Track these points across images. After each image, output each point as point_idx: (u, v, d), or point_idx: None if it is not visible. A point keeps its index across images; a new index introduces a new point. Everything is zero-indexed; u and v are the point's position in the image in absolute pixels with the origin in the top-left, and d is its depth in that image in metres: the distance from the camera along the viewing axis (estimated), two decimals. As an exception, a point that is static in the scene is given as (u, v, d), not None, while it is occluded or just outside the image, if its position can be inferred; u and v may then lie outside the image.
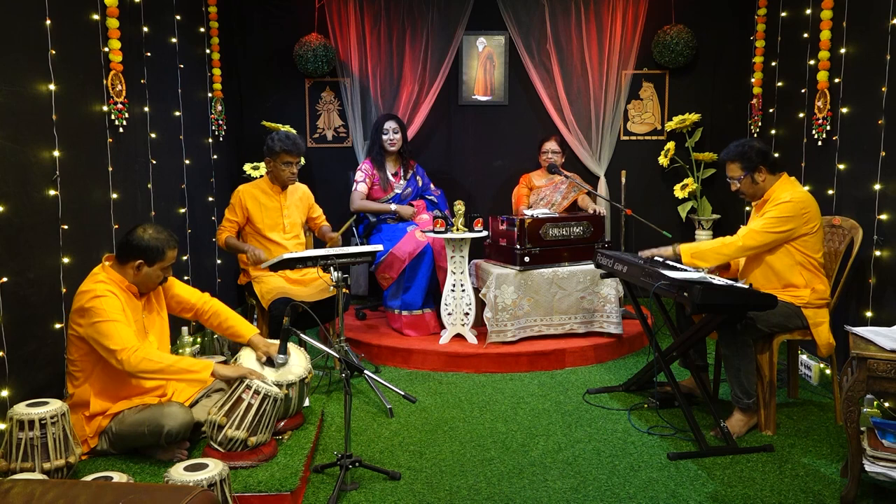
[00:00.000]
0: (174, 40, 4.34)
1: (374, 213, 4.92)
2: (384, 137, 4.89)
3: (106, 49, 3.48)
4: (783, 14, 4.59)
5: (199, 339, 4.17)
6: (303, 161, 4.32)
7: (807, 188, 3.79)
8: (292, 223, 4.24)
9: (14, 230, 2.82)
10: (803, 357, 4.09)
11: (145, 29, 3.92)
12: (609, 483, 2.88)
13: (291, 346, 3.23)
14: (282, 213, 4.19)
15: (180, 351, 3.89)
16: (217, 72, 4.95)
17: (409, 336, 4.61)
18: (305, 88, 5.56)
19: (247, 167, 5.18)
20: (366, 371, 2.99)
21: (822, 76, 4.00)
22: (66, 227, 3.13)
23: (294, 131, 5.00)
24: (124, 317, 2.81)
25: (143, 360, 2.74)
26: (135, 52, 3.80)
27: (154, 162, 4.01)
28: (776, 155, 4.67)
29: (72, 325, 2.83)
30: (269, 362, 3.14)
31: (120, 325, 2.77)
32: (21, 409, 2.55)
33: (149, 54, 3.97)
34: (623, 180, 5.25)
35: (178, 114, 4.37)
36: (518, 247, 4.38)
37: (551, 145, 5.06)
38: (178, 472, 2.32)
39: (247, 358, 3.14)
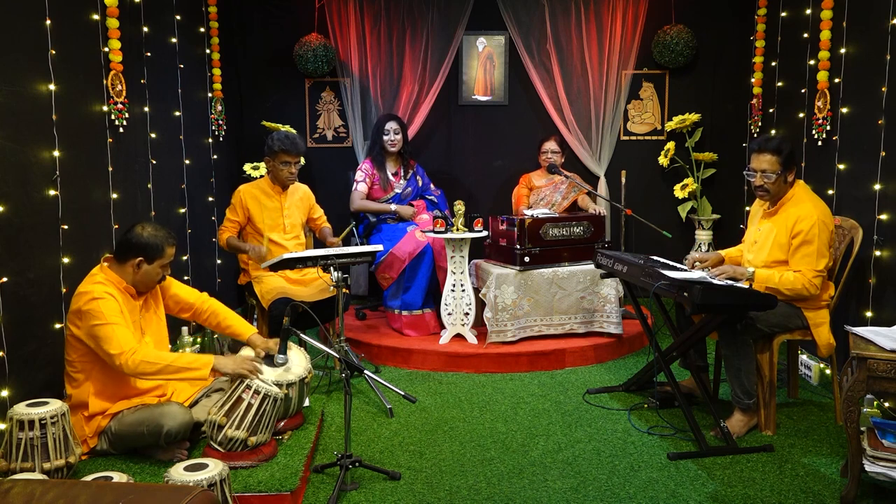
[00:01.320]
0: (174, 40, 4.34)
1: (374, 213, 4.92)
2: (385, 138, 4.89)
3: (106, 49, 3.48)
4: (783, 14, 4.59)
5: (199, 339, 4.17)
6: (303, 161, 4.32)
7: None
8: (293, 223, 4.24)
9: (14, 230, 2.82)
10: (803, 357, 4.09)
11: (145, 29, 3.92)
12: (609, 483, 2.88)
13: (291, 346, 3.23)
14: (282, 213, 4.19)
15: (180, 351, 3.88)
16: (217, 72, 4.95)
17: (409, 336, 4.61)
18: (305, 88, 5.56)
19: (247, 167, 5.18)
20: (366, 371, 2.99)
21: (822, 76, 4.00)
22: (66, 227, 3.13)
23: (294, 131, 5.00)
24: (123, 318, 2.81)
25: (140, 363, 2.74)
26: (135, 52, 3.80)
27: (154, 162, 4.01)
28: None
29: (70, 326, 2.83)
30: (269, 361, 3.14)
31: (119, 327, 2.76)
32: (21, 409, 2.55)
33: (149, 54, 3.97)
34: (623, 180, 5.25)
35: (178, 114, 4.37)
36: (518, 247, 4.38)
37: (551, 145, 5.05)
38: (178, 472, 2.32)
39: (248, 355, 3.14)
